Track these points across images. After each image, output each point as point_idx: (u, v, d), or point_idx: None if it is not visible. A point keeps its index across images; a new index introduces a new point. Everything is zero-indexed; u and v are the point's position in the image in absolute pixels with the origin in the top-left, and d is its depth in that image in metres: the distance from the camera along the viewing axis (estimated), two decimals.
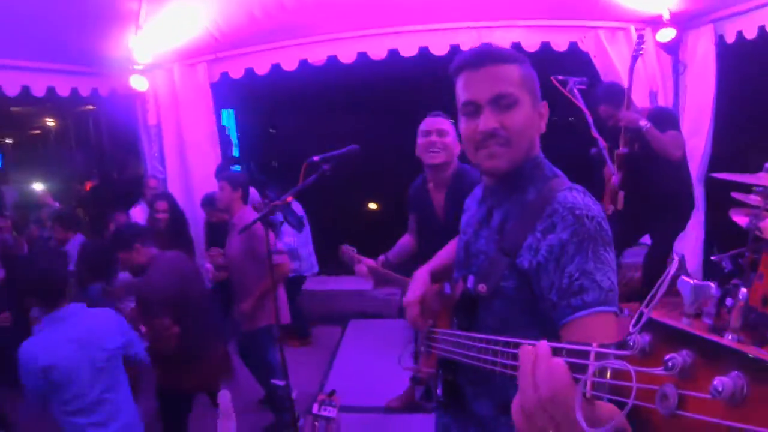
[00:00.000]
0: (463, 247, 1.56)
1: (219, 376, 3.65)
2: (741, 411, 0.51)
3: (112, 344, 2.81)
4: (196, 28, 5.34)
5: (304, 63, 5.80)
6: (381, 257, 3.23)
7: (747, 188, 3.14)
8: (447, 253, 1.83)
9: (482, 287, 1.33)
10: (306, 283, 5.83)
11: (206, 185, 5.58)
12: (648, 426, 0.61)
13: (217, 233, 4.91)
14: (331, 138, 2.79)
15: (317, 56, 5.76)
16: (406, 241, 3.42)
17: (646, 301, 0.67)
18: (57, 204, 5.76)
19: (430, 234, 3.20)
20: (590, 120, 3.90)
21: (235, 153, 12.73)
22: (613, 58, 5.15)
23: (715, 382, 0.52)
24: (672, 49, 5.19)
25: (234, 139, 12.73)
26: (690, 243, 5.15)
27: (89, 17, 4.75)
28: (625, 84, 3.92)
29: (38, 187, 6.47)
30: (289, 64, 5.81)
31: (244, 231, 3.41)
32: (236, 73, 5.97)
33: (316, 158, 2.81)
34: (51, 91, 5.24)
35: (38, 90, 5.12)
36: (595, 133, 3.90)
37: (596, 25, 5.27)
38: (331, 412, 3.40)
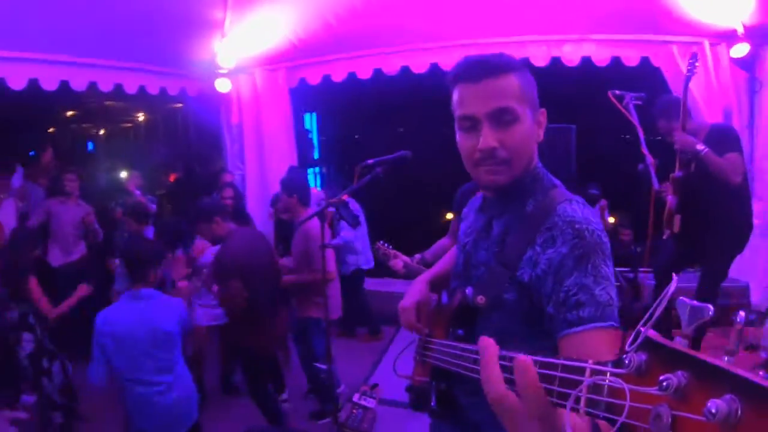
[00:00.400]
0: (462, 258, 1.53)
1: (281, 340, 4.00)
2: None
3: (170, 328, 3.09)
4: (276, 36, 5.70)
5: (378, 72, 6.02)
6: (417, 255, 3.39)
7: None
8: (446, 262, 1.82)
9: (481, 299, 1.31)
10: (369, 284, 6.06)
11: None
12: None
13: (285, 229, 5.24)
14: (409, 144, 2.93)
15: (391, 66, 5.97)
16: (445, 242, 3.53)
17: (643, 320, 0.66)
18: (138, 192, 6.20)
19: None
20: (642, 136, 3.87)
21: (316, 155, 13.11)
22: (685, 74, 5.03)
23: (709, 405, 0.52)
24: (747, 65, 4.99)
25: (315, 142, 13.10)
26: (757, 272, 4.95)
27: (178, 24, 5.21)
28: (688, 103, 3.81)
29: (124, 174, 6.96)
30: (364, 73, 6.06)
31: (301, 224, 3.75)
32: (314, 79, 6.29)
33: (370, 161, 3.01)
34: (142, 89, 5.71)
35: (130, 88, 5.59)
36: (644, 149, 3.85)
37: (669, 40, 5.15)
38: (370, 402, 3.60)
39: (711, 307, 0.63)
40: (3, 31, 4.30)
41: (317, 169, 12.92)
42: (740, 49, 4.87)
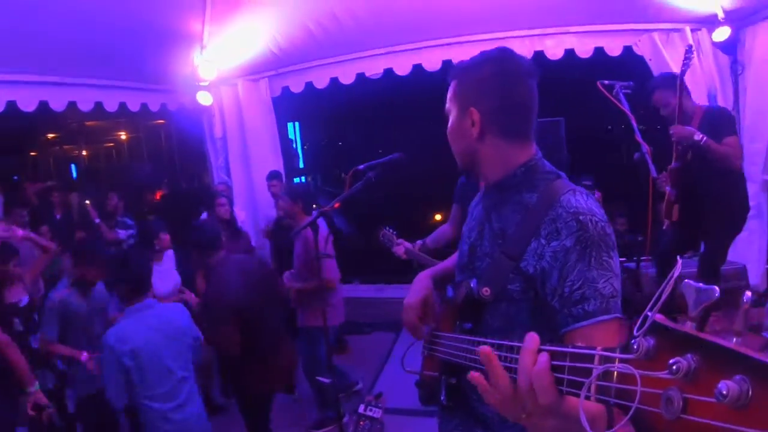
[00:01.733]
0: (467, 250, 1.53)
1: (287, 377, 3.69)
2: (745, 415, 0.51)
3: (187, 335, 3.07)
4: (257, 46, 5.64)
5: (361, 76, 5.97)
6: (419, 242, 3.46)
7: None
8: (451, 259, 1.80)
9: (486, 291, 1.32)
10: (364, 291, 6.00)
11: (269, 193, 5.93)
12: (652, 430, 0.61)
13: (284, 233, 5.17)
14: (396, 147, 2.88)
15: (374, 69, 5.92)
16: (445, 229, 3.61)
17: (650, 305, 0.65)
18: (97, 219, 5.99)
19: None
20: (635, 124, 3.84)
21: (300, 164, 13.06)
22: (668, 61, 5.02)
23: (719, 386, 0.52)
24: (729, 48, 5.01)
25: (299, 151, 13.06)
26: (752, 253, 4.96)
27: (156, 39, 5.13)
28: (677, 93, 3.73)
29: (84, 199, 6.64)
30: (347, 78, 6.00)
31: (295, 235, 3.67)
32: (297, 87, 6.23)
33: (361, 167, 2.95)
34: (122, 106, 5.64)
35: (110, 105, 5.52)
36: (638, 137, 3.83)
37: (650, 28, 5.17)
38: (376, 413, 3.54)
39: (717, 288, 0.63)
40: None
41: (303, 178, 12.89)
42: (721, 33, 4.87)
